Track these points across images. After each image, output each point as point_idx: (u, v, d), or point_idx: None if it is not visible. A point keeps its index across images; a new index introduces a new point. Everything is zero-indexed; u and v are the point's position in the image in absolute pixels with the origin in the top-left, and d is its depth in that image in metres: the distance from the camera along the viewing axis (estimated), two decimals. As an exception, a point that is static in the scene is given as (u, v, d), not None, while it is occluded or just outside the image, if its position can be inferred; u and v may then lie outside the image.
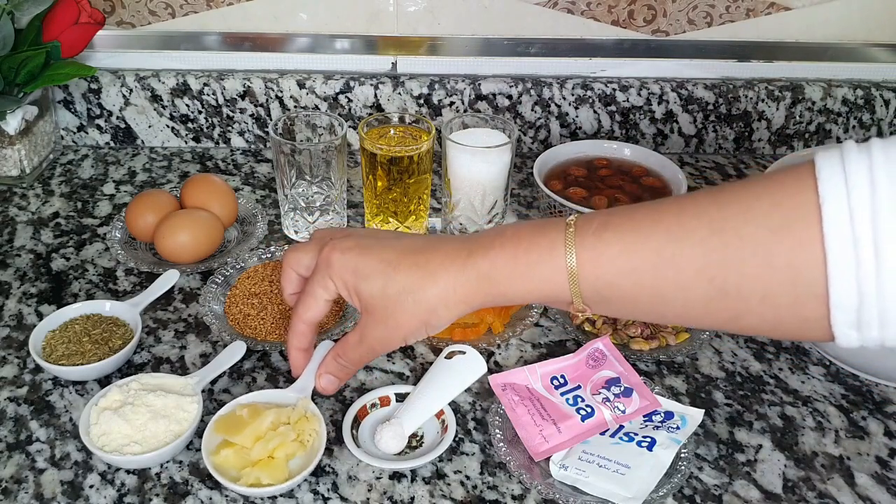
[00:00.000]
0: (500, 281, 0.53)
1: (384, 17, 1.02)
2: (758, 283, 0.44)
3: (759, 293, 0.44)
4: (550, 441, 0.65)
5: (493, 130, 0.89)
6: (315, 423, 0.65)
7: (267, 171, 1.03)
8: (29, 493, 0.62)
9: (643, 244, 0.48)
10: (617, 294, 0.50)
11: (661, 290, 0.48)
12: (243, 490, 0.60)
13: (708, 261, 0.46)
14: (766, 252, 0.43)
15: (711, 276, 0.45)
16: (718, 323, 0.48)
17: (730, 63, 1.06)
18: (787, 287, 0.43)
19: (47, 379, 0.72)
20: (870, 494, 0.64)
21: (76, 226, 0.92)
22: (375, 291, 0.56)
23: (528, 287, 0.52)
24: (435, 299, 0.54)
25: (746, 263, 0.44)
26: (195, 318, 0.79)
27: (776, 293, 0.43)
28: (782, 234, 0.42)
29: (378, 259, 0.56)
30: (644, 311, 0.51)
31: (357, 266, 0.57)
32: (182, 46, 1.04)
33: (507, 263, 0.52)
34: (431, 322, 0.56)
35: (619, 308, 0.52)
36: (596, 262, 0.50)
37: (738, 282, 0.45)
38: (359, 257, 0.57)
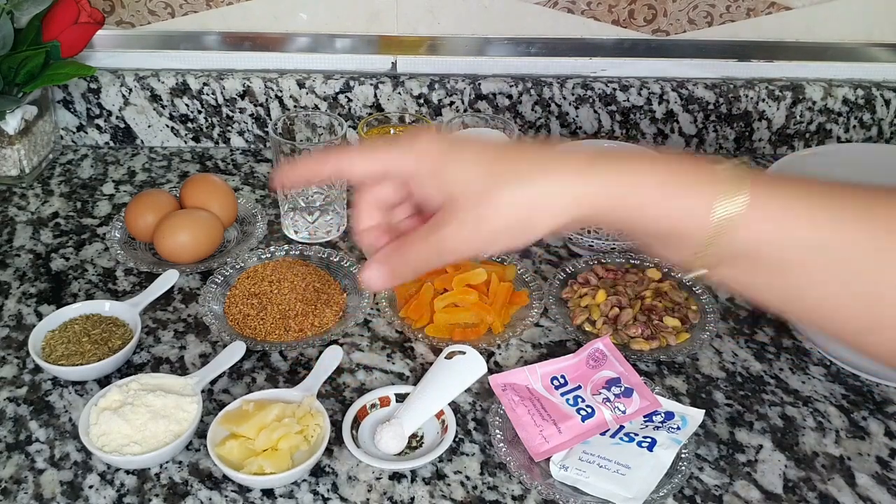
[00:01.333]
0: (630, 194, 0.44)
1: (384, 17, 1.02)
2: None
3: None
4: (551, 441, 0.65)
5: (493, 130, 0.89)
6: (319, 418, 0.65)
7: (267, 171, 1.03)
8: (28, 494, 0.62)
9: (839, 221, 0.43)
10: (766, 262, 0.43)
11: (827, 276, 0.43)
12: (246, 478, 0.61)
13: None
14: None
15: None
16: (848, 331, 0.45)
17: (730, 63, 1.06)
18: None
19: (47, 379, 0.72)
20: (870, 495, 0.64)
21: (76, 226, 0.92)
22: (469, 176, 0.46)
23: (661, 213, 0.44)
24: (542, 196, 0.45)
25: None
26: (195, 319, 0.79)
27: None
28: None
29: (476, 147, 0.48)
30: (779, 293, 0.45)
31: (449, 147, 0.47)
32: (182, 46, 1.03)
33: (646, 179, 0.44)
34: (530, 222, 0.45)
35: (752, 278, 0.45)
36: (767, 217, 0.43)
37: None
38: (452, 142, 0.49)
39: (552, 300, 0.80)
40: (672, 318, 0.77)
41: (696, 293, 0.81)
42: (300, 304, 0.78)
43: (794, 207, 0.43)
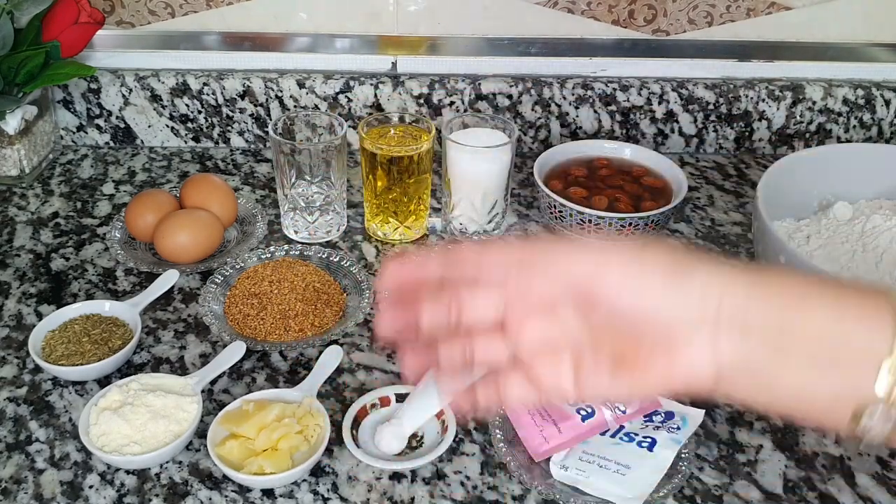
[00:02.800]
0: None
1: (384, 17, 1.02)
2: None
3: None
4: (551, 441, 0.65)
5: (493, 130, 0.89)
6: (319, 418, 0.65)
7: (267, 171, 1.03)
8: (28, 494, 0.62)
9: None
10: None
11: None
12: (246, 478, 0.61)
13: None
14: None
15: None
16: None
17: (730, 63, 1.06)
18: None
19: (47, 379, 0.72)
20: (870, 495, 0.64)
21: (76, 226, 0.92)
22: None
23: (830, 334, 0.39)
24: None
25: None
26: (195, 319, 0.79)
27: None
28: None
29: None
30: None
31: (600, 259, 0.42)
32: (182, 46, 1.03)
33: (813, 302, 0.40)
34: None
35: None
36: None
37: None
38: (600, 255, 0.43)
39: (552, 300, 0.80)
40: (672, 318, 0.77)
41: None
42: (300, 304, 0.78)
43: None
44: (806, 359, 0.39)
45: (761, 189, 0.76)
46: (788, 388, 0.40)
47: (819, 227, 0.79)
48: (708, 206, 0.99)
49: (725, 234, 0.93)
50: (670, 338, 0.40)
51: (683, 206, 0.98)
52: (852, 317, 0.39)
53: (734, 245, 0.91)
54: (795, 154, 0.83)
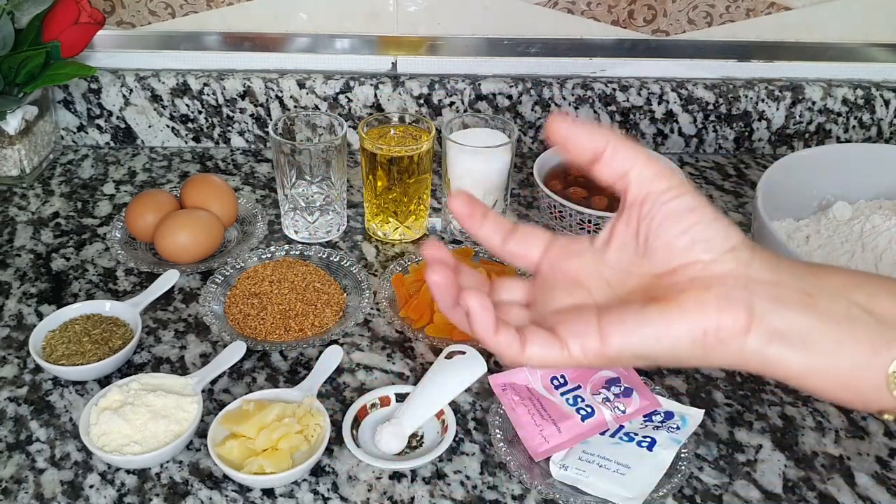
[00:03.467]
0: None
1: (384, 17, 1.02)
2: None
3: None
4: (550, 441, 0.65)
5: (493, 130, 0.89)
6: (319, 418, 0.65)
7: (267, 171, 1.03)
8: (29, 493, 0.62)
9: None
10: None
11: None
12: (246, 478, 0.61)
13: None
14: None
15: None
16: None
17: (730, 63, 1.06)
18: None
19: (47, 379, 0.72)
20: (870, 494, 0.64)
21: (76, 226, 0.92)
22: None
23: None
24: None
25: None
26: (195, 318, 0.79)
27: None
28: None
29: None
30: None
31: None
32: (182, 46, 1.04)
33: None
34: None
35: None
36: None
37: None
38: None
39: (552, 300, 0.80)
40: (672, 317, 0.77)
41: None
42: (300, 304, 0.79)
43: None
44: (837, 317, 0.39)
45: (761, 189, 0.76)
46: (822, 346, 0.39)
47: (818, 227, 0.79)
48: (708, 206, 0.98)
49: (725, 234, 0.93)
50: (705, 278, 0.40)
51: (683, 206, 0.97)
52: (875, 277, 0.40)
53: (734, 245, 0.91)
54: (795, 154, 0.83)
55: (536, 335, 0.41)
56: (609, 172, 0.42)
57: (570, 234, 0.86)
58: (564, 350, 0.41)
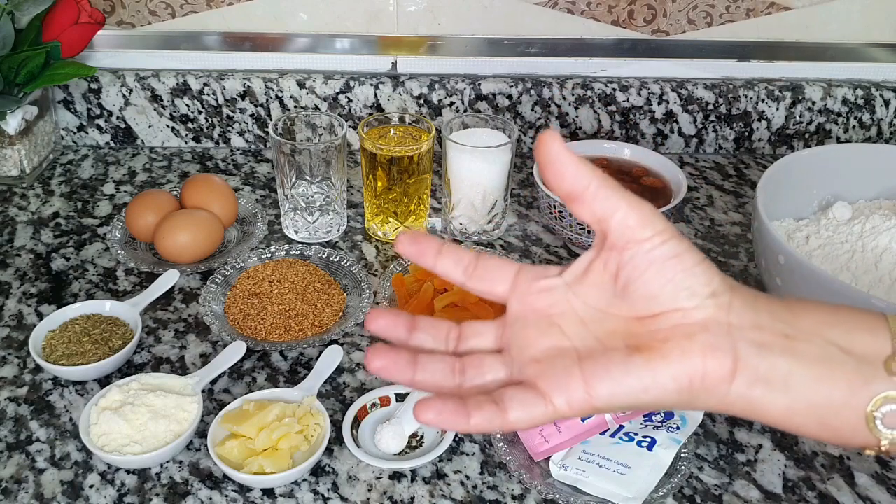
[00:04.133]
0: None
1: (384, 17, 1.02)
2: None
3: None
4: (550, 441, 0.65)
5: (493, 130, 0.89)
6: (319, 418, 0.65)
7: (267, 171, 1.03)
8: (29, 493, 0.62)
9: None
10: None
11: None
12: (247, 478, 0.61)
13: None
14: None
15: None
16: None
17: (730, 63, 1.06)
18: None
19: (47, 379, 0.72)
20: (870, 494, 0.64)
21: (76, 226, 0.92)
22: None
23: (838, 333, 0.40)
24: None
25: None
26: (195, 318, 0.79)
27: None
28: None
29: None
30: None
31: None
32: (182, 46, 1.04)
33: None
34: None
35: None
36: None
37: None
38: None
39: (552, 300, 0.80)
40: (672, 317, 0.77)
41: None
42: (300, 303, 0.79)
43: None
44: (816, 356, 0.39)
45: (761, 189, 0.76)
46: (802, 386, 0.39)
47: (818, 227, 0.79)
48: (707, 206, 0.99)
49: (725, 234, 0.94)
50: (688, 326, 0.40)
51: (683, 207, 0.98)
52: (851, 314, 0.40)
53: (734, 245, 0.92)
54: (795, 154, 0.83)
55: (515, 399, 0.40)
56: (588, 214, 0.40)
57: (570, 234, 0.86)
58: (549, 405, 0.40)
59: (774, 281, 0.73)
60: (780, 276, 0.71)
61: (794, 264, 0.68)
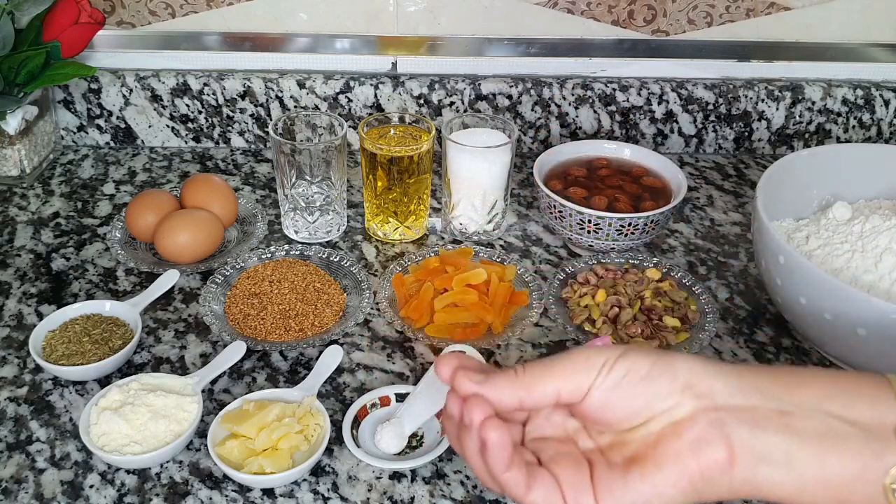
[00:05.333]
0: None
1: (384, 17, 1.02)
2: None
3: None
4: (550, 441, 0.65)
5: (493, 130, 0.89)
6: (319, 417, 0.65)
7: (267, 171, 1.03)
8: (29, 493, 0.62)
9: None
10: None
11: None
12: (246, 478, 0.61)
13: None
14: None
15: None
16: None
17: (730, 63, 1.06)
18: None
19: (47, 379, 0.72)
20: (870, 494, 0.64)
21: (76, 226, 0.92)
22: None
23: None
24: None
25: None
26: (195, 318, 0.79)
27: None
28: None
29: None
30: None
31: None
32: (182, 46, 1.04)
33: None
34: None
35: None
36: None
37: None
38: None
39: (552, 300, 0.80)
40: (672, 317, 0.77)
41: (696, 293, 0.81)
42: (300, 303, 0.79)
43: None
44: (815, 433, 0.39)
45: (760, 189, 0.76)
46: (807, 463, 0.39)
47: (818, 227, 0.79)
48: (707, 206, 0.99)
49: (725, 234, 0.94)
50: (674, 425, 0.40)
51: (683, 207, 0.98)
52: (851, 382, 0.39)
53: (733, 245, 0.92)
54: (795, 154, 0.83)
55: (542, 481, 0.41)
56: (540, 404, 0.42)
57: (570, 234, 0.86)
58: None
59: (774, 281, 0.73)
60: (780, 277, 0.71)
61: (794, 264, 0.68)
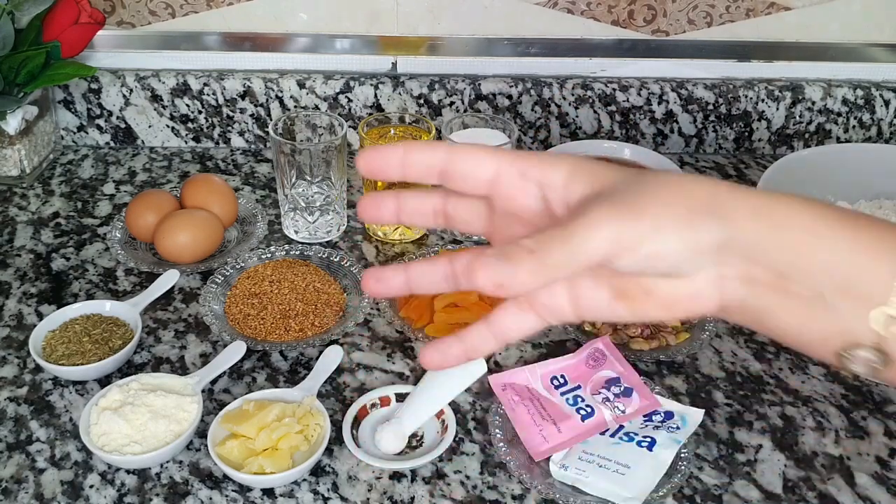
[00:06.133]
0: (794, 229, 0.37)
1: (384, 17, 1.02)
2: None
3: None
4: (550, 441, 0.65)
5: (493, 130, 0.89)
6: (319, 418, 0.65)
7: (267, 171, 1.03)
8: (29, 493, 0.62)
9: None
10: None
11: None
12: (246, 478, 0.61)
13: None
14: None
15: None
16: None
17: (730, 63, 1.06)
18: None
19: (47, 379, 0.72)
20: (870, 494, 0.64)
21: (76, 226, 0.92)
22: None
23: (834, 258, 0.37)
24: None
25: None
26: (195, 318, 0.79)
27: None
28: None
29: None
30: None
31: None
32: (182, 46, 1.04)
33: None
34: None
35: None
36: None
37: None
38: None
39: (552, 300, 0.80)
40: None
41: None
42: (300, 303, 0.79)
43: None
44: (805, 299, 0.38)
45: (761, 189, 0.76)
46: (781, 325, 0.39)
47: (818, 227, 0.79)
48: (708, 206, 0.98)
49: (725, 234, 0.93)
50: (675, 273, 0.38)
51: (683, 206, 0.98)
52: (862, 252, 0.37)
53: (734, 245, 0.91)
54: (795, 154, 0.83)
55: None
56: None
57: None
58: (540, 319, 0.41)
59: (774, 281, 0.73)
60: (780, 276, 0.71)
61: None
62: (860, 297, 0.37)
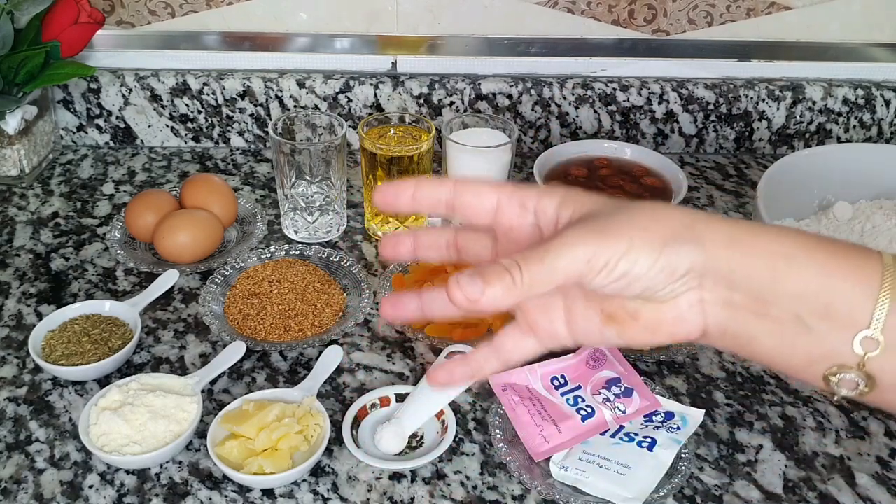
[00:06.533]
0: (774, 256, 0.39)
1: (384, 17, 1.02)
2: None
3: None
4: (551, 441, 0.65)
5: (493, 130, 0.89)
6: (319, 418, 0.65)
7: (267, 171, 1.03)
8: (29, 494, 0.62)
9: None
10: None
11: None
12: (246, 478, 0.61)
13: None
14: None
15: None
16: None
17: (730, 63, 1.06)
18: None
19: (47, 379, 0.72)
20: (870, 495, 0.64)
21: (76, 226, 0.92)
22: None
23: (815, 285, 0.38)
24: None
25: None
26: (195, 318, 0.79)
27: None
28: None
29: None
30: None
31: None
32: (182, 46, 1.03)
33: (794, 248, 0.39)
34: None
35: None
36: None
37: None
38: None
39: (552, 300, 0.80)
40: (672, 318, 0.77)
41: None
42: (300, 304, 0.78)
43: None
44: (785, 322, 0.39)
45: (761, 189, 0.76)
46: (766, 350, 0.40)
47: (819, 227, 0.79)
48: (708, 206, 0.99)
49: (725, 234, 0.93)
50: (652, 296, 0.40)
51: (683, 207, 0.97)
52: (840, 277, 0.38)
53: (734, 245, 0.91)
54: (795, 154, 0.83)
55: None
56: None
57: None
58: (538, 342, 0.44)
59: (775, 281, 0.72)
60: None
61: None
62: (840, 321, 0.38)
